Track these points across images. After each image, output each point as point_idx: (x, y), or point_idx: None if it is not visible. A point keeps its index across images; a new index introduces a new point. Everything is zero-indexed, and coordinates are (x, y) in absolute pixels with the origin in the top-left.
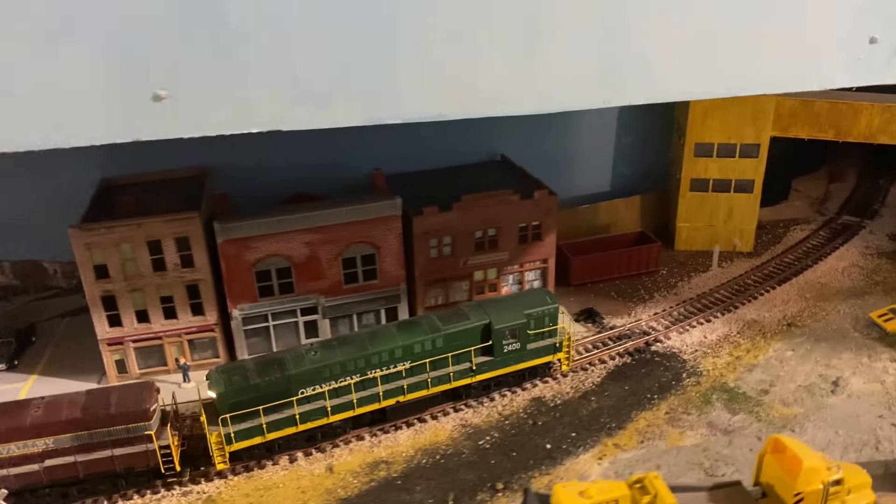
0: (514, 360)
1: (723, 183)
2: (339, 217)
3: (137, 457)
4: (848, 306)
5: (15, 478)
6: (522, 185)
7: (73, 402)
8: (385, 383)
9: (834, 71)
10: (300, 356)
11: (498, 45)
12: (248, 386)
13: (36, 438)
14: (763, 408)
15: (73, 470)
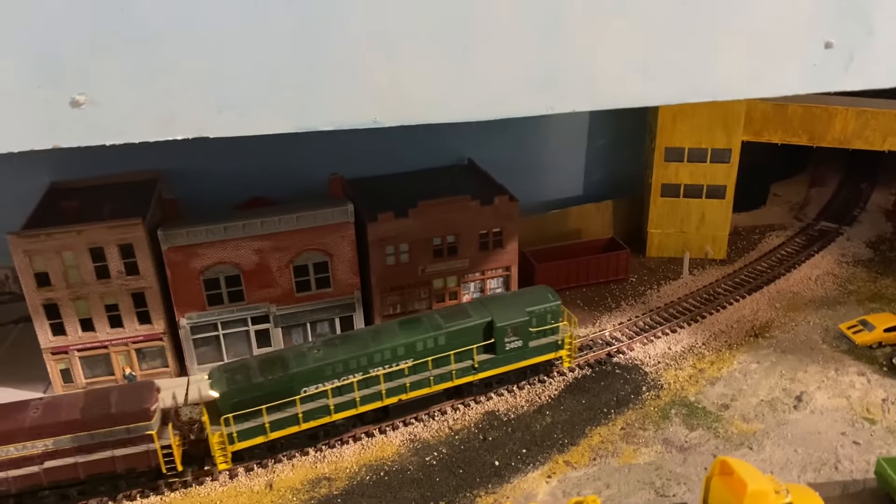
0: (516, 357)
1: (694, 188)
2: (289, 224)
3: (139, 457)
4: (819, 317)
5: (14, 480)
6: (485, 191)
7: (72, 402)
8: (387, 381)
9: (788, 77)
10: (303, 354)
11: (432, 51)
12: (251, 385)
13: (35, 440)
14: (722, 423)
15: (74, 471)
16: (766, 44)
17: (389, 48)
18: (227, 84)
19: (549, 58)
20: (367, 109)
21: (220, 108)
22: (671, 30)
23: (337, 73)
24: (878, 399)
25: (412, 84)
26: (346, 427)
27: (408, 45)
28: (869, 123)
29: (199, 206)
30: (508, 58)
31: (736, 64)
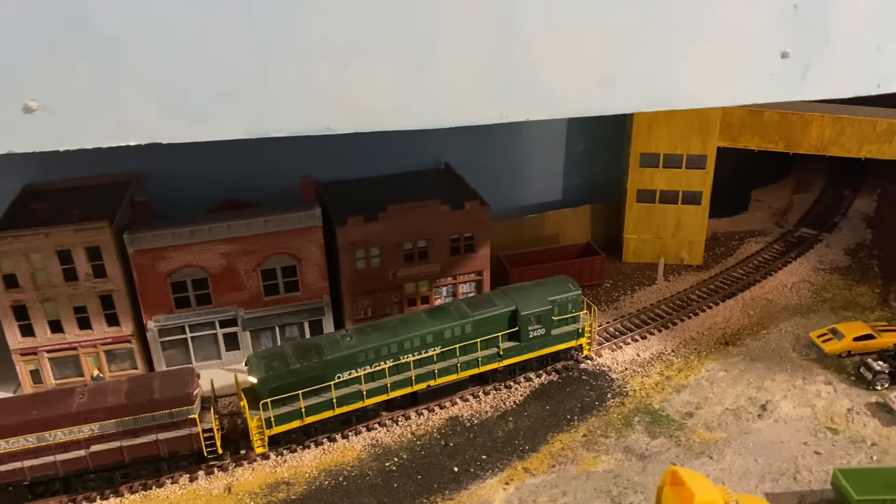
0: (539, 345)
1: (670, 194)
2: (257, 227)
3: (181, 440)
4: (791, 325)
5: (62, 464)
6: (459, 195)
7: (116, 388)
8: (417, 368)
9: (745, 87)
10: (336, 342)
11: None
12: (288, 371)
13: (82, 425)
14: (684, 432)
15: (119, 455)
16: (723, 53)
17: (344, 56)
18: (178, 90)
19: (503, 66)
20: (321, 117)
21: (171, 114)
22: (627, 39)
23: (290, 81)
24: (843, 409)
25: (367, 92)
26: (377, 412)
27: (363, 54)
28: (845, 130)
29: (174, 208)
30: (463, 66)
31: (693, 73)
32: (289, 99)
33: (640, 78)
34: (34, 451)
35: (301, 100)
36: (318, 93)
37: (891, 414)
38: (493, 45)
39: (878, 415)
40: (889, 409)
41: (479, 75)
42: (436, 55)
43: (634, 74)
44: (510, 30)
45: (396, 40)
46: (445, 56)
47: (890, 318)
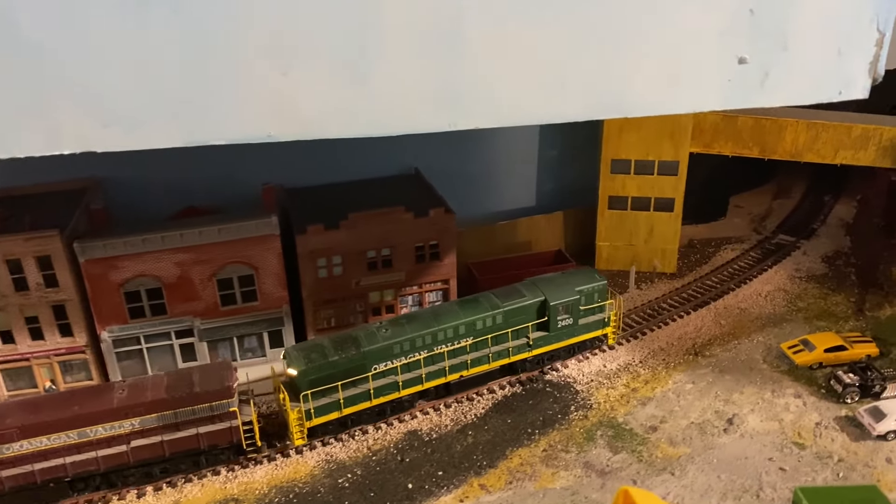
0: (567, 334)
1: (642, 201)
2: (211, 236)
3: (221, 434)
4: (763, 335)
5: (103, 459)
6: (426, 202)
7: (156, 382)
8: (450, 358)
9: (702, 93)
10: (373, 333)
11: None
12: (327, 363)
13: (123, 420)
14: (647, 447)
15: (160, 450)
16: (678, 59)
17: (282, 62)
18: (110, 98)
19: (450, 72)
20: (261, 124)
21: (105, 122)
22: (579, 45)
23: (228, 88)
24: (812, 423)
25: (307, 99)
26: (411, 403)
27: (302, 60)
28: (820, 136)
29: (135, 215)
30: (407, 73)
31: (647, 80)
32: (226, 106)
33: (592, 84)
34: (76, 448)
35: (239, 107)
36: (257, 99)
37: (860, 428)
38: (438, 51)
39: (847, 429)
40: (858, 424)
41: (424, 82)
42: (379, 60)
43: (586, 81)
44: (456, 35)
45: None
46: (389, 61)
47: (864, 329)
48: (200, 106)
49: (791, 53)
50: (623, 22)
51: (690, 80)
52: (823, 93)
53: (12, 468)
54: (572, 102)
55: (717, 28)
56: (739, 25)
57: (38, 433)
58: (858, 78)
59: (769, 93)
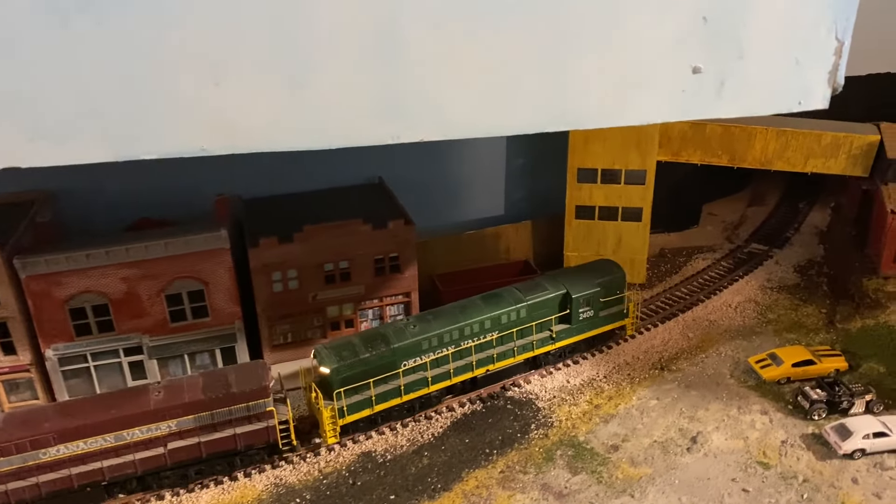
0: (588, 326)
1: (609, 210)
2: (158, 251)
3: (258, 433)
4: (731, 348)
5: (140, 462)
6: (386, 213)
7: (192, 383)
8: (477, 353)
9: (656, 104)
10: (401, 330)
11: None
12: (359, 360)
13: (160, 422)
14: (608, 467)
15: (197, 451)
16: (630, 69)
17: (215, 73)
18: (37, 112)
19: (390, 84)
20: (194, 137)
21: (31, 136)
22: (526, 55)
23: (158, 100)
24: (777, 441)
25: (241, 111)
26: (439, 399)
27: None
28: (790, 144)
29: (88, 227)
30: (345, 83)
31: (598, 91)
32: (156, 119)
33: (541, 95)
34: (113, 451)
35: (170, 120)
36: (189, 112)
37: (826, 447)
38: (377, 60)
39: (813, 447)
40: (825, 442)
41: (364, 92)
42: (315, 70)
43: (535, 92)
44: (395, 43)
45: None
46: (326, 72)
47: (834, 341)
48: (129, 119)
49: (747, 62)
50: (572, 31)
51: (643, 91)
52: (782, 103)
53: (49, 473)
54: (521, 114)
55: (670, 37)
56: (693, 34)
57: (74, 437)
58: (817, 88)
59: (726, 103)
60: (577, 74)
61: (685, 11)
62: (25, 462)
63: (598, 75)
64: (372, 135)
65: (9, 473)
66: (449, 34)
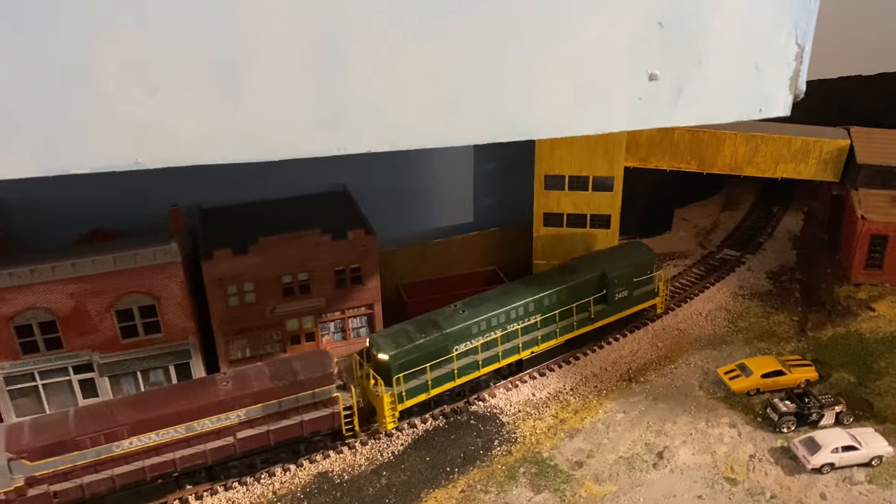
0: (623, 306)
1: (577, 218)
2: (106, 265)
3: (323, 420)
4: (701, 358)
5: (211, 452)
6: (347, 222)
7: (259, 373)
8: (523, 335)
9: (611, 113)
10: (451, 315)
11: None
12: (415, 346)
13: (230, 411)
14: (572, 485)
15: (265, 439)
16: (582, 77)
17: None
18: None
19: (332, 93)
20: (127, 150)
21: None
22: (473, 61)
23: (88, 111)
24: (745, 455)
25: (177, 123)
26: (487, 383)
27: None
28: (759, 149)
29: (40, 239)
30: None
31: (550, 99)
32: (85, 131)
33: (490, 105)
34: (185, 442)
35: (100, 132)
36: (121, 124)
37: (795, 461)
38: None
39: (782, 462)
40: (793, 456)
41: (305, 102)
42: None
43: (484, 101)
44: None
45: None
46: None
47: (804, 350)
48: (56, 133)
49: (706, 68)
50: (518, 37)
51: (597, 100)
52: (742, 110)
53: (124, 465)
54: (470, 124)
55: (624, 43)
56: (648, 40)
57: (147, 429)
58: (779, 94)
59: (684, 111)
60: (527, 82)
61: (639, 16)
62: (100, 455)
63: (548, 83)
64: (315, 146)
65: (84, 467)
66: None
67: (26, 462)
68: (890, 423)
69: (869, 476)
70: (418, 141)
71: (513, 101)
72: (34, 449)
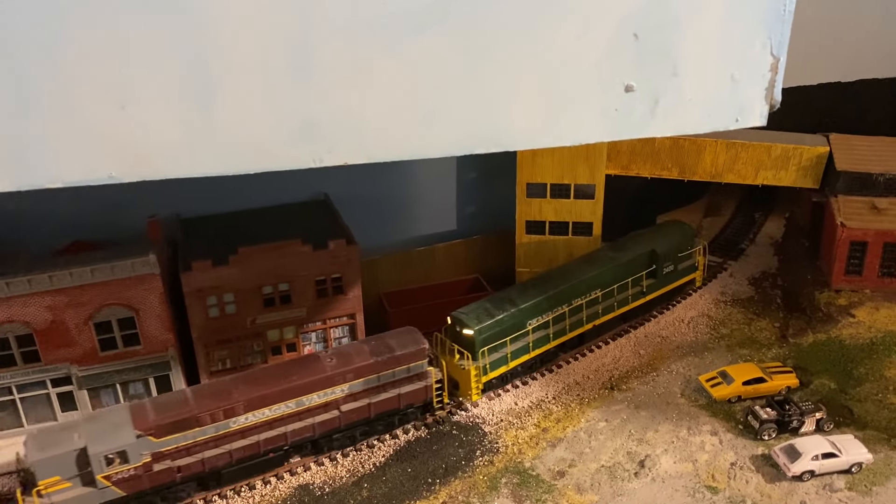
0: (669, 280)
1: (559, 225)
2: (83, 277)
3: (417, 393)
4: (683, 365)
5: (318, 425)
6: (330, 232)
7: (359, 349)
8: (586, 309)
9: (587, 124)
10: (523, 291)
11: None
12: (495, 321)
13: (334, 386)
14: (554, 495)
15: (366, 412)
16: (558, 89)
17: (121, 96)
18: None
19: (306, 106)
20: (100, 164)
21: None
22: (446, 74)
23: (61, 125)
24: (727, 463)
25: (150, 136)
26: (556, 354)
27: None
28: (740, 156)
29: (21, 251)
30: (257, 106)
31: (525, 111)
32: (59, 146)
33: (465, 117)
34: (296, 416)
35: (73, 147)
36: (93, 138)
37: (776, 468)
38: (291, 82)
39: (762, 469)
40: (774, 463)
41: (279, 115)
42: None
43: (458, 113)
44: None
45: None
46: (237, 94)
47: (786, 357)
48: (28, 147)
49: (682, 80)
50: (492, 48)
51: (574, 111)
52: (719, 120)
53: (241, 440)
54: (447, 135)
55: (598, 55)
56: (623, 51)
57: (261, 405)
58: (755, 104)
59: (661, 121)
60: (501, 95)
61: (614, 28)
62: (218, 431)
63: (522, 96)
64: (290, 158)
65: (204, 442)
66: (364, 54)
67: (152, 439)
68: (870, 429)
69: (849, 483)
70: (395, 153)
71: (487, 113)
72: (160, 426)
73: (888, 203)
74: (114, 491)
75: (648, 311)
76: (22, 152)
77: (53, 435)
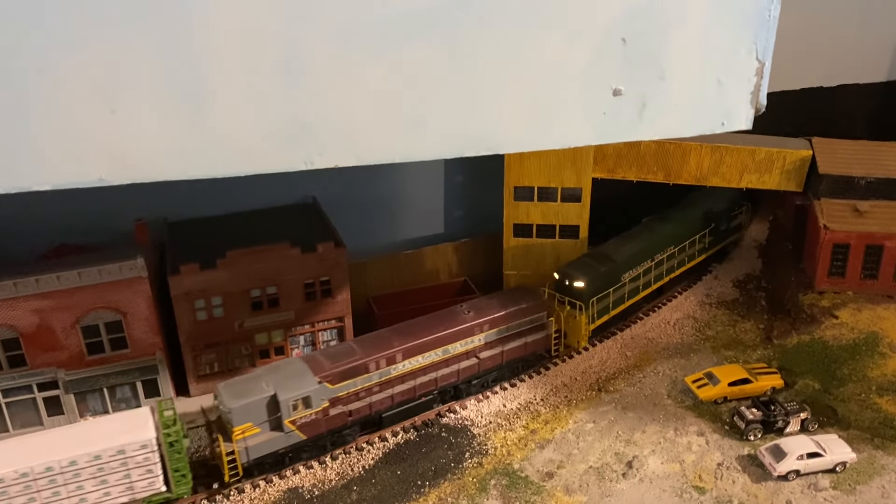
0: (722, 238)
1: (546, 228)
2: (71, 281)
3: (540, 342)
4: (669, 366)
5: (461, 371)
6: (316, 235)
7: (490, 303)
8: (666, 263)
9: (575, 128)
10: (616, 247)
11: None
12: (599, 274)
13: (473, 336)
14: (542, 496)
15: (499, 359)
16: (546, 92)
17: (111, 99)
18: None
19: (295, 109)
20: (90, 167)
21: None
22: (434, 78)
23: (51, 128)
24: (713, 464)
25: (140, 139)
26: (640, 304)
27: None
28: (724, 160)
29: (6, 254)
30: (247, 110)
31: (514, 114)
32: (49, 148)
33: (454, 120)
34: (444, 363)
35: (63, 149)
36: (83, 141)
37: (762, 468)
38: (280, 85)
39: (749, 469)
40: (760, 463)
41: (269, 118)
42: (216, 96)
43: (447, 116)
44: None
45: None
46: (227, 98)
47: (770, 358)
48: (16, 149)
49: (669, 84)
50: (482, 52)
51: (562, 114)
52: (705, 124)
53: (400, 385)
54: (436, 139)
55: (586, 59)
56: (611, 55)
57: (416, 353)
58: (741, 108)
59: (648, 125)
60: (489, 99)
61: (601, 33)
62: (382, 377)
63: (510, 100)
64: (280, 161)
65: (370, 388)
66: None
67: (329, 385)
68: (853, 429)
69: (833, 482)
70: (385, 155)
71: (476, 117)
72: (335, 374)
73: (870, 206)
74: (297, 435)
75: (707, 266)
76: (11, 155)
77: (241, 384)
